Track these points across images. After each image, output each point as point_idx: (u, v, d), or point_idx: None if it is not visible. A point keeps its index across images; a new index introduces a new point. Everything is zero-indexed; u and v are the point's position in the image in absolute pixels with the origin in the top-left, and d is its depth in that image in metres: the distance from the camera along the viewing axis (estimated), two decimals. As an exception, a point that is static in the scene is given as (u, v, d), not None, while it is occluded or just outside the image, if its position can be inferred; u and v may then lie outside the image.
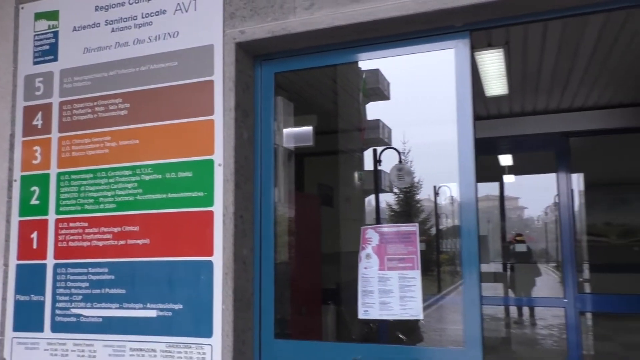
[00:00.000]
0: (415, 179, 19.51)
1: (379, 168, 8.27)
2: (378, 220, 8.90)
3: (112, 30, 2.45)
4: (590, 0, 1.92)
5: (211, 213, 2.21)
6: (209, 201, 2.22)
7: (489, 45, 3.29)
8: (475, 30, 2.11)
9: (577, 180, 10.64)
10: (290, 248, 4.22)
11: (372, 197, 8.85)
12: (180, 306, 2.21)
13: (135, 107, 2.38)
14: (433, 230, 19.14)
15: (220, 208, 2.20)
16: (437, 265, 17.01)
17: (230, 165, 2.22)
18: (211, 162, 2.24)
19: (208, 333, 2.16)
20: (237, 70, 2.28)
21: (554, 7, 1.97)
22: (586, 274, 10.64)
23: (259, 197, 2.36)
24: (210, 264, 2.19)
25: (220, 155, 2.23)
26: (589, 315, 7.51)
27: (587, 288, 9.82)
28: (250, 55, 2.39)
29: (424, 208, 20.87)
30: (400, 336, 6.13)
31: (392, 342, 5.24)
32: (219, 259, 2.18)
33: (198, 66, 2.30)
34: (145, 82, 2.37)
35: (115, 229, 2.34)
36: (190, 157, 2.28)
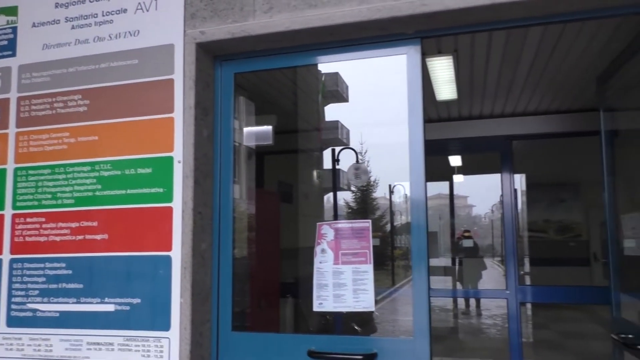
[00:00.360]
0: (372, 178, 19.94)
1: (337, 167, 8.43)
2: (336, 217, 9.07)
3: (72, 27, 2.45)
4: (529, 13, 2.07)
5: (170, 209, 2.26)
6: (168, 197, 2.27)
7: (439, 52, 3.44)
8: (426, 37, 2.22)
9: (520, 181, 11.25)
10: (250, 243, 4.29)
11: (331, 195, 9.03)
12: (139, 300, 2.25)
13: (95, 103, 2.39)
14: (388, 227, 19.58)
15: (179, 204, 2.25)
16: (391, 260, 17.42)
17: (190, 162, 2.27)
18: (171, 159, 2.29)
19: (166, 326, 2.21)
20: (197, 69, 2.33)
21: (498, 18, 2.10)
22: (528, 267, 11.24)
23: (218, 194, 2.42)
24: (168, 259, 2.24)
25: (179, 152, 2.28)
26: (529, 306, 7.96)
27: (528, 280, 10.38)
28: (211, 55, 2.45)
29: (379, 205, 21.34)
30: (356, 327, 6.30)
31: (347, 333, 5.39)
32: (177, 253, 2.23)
33: (159, 65, 2.33)
34: (105, 79, 2.38)
35: (73, 224, 2.35)
36: (149, 153, 2.31)
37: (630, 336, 2.57)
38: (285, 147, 6.05)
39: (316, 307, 2.26)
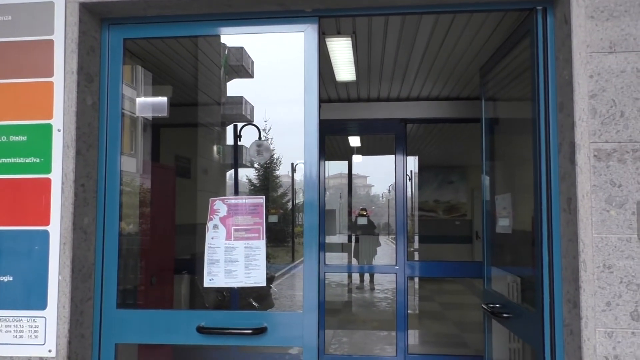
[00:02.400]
0: (275, 156, 20.02)
1: (240, 143, 8.32)
2: (236, 194, 8.98)
3: None
4: (420, 1, 2.17)
5: (48, 180, 2.11)
6: (46, 168, 2.11)
7: (339, 32, 3.49)
8: (324, 17, 2.25)
9: (414, 163, 11.94)
10: (143, 218, 4.13)
11: (233, 171, 8.90)
12: (10, 278, 2.09)
13: (-42, 61, 2.14)
14: (290, 205, 19.82)
15: (58, 175, 2.11)
16: (292, 237, 17.69)
17: (72, 131, 2.13)
18: (49, 126, 2.12)
19: (42, 305, 2.08)
20: (80, 31, 2.16)
21: (391, 4, 2.18)
22: (419, 244, 12.02)
23: (104, 165, 2.29)
24: (45, 234, 2.09)
25: (60, 120, 2.12)
26: (417, 280, 8.55)
27: (418, 256, 11.14)
28: (97, 17, 2.28)
29: (282, 183, 21.49)
30: (253, 303, 6.37)
31: (244, 309, 5.42)
32: (56, 228, 2.09)
33: (36, 23, 2.14)
34: (-30, 35, 2.14)
35: None
36: (24, 120, 2.13)
37: (497, 305, 2.85)
38: (183, 120, 5.86)
39: (207, 283, 2.26)
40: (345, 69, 4.14)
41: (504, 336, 3.08)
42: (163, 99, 4.20)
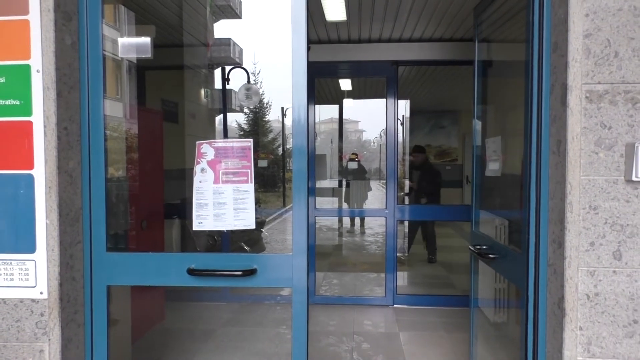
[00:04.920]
0: (265, 100, 19.74)
1: (228, 87, 8.16)
2: (225, 137, 8.90)
3: None
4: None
5: (30, 123, 2.05)
6: (27, 110, 2.05)
7: (329, -33, 3.36)
8: (313, -50, 2.15)
9: (405, 107, 11.82)
10: (130, 162, 4.10)
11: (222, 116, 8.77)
12: (-4, 222, 2.08)
13: None
14: (280, 150, 19.77)
15: (40, 118, 2.05)
16: (282, 182, 17.80)
17: (51, 72, 2.05)
18: (27, 67, 2.04)
19: (30, 248, 2.08)
20: (55, -35, 2.04)
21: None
22: (410, 189, 12.10)
23: (87, 108, 2.23)
24: (30, 177, 2.06)
25: (38, 60, 2.04)
26: (407, 224, 8.68)
27: (408, 200, 11.22)
28: (72, -50, 2.15)
29: (272, 128, 21.34)
30: (245, 247, 6.46)
31: (235, 252, 5.50)
32: (40, 172, 2.06)
33: (6, -45, 2.01)
34: None
35: None
36: (1, 60, 2.05)
37: (484, 247, 2.90)
38: (169, 62, 5.69)
39: (196, 226, 2.26)
40: (335, 8, 3.99)
41: (489, 277, 3.16)
42: (146, 39, 4.05)
